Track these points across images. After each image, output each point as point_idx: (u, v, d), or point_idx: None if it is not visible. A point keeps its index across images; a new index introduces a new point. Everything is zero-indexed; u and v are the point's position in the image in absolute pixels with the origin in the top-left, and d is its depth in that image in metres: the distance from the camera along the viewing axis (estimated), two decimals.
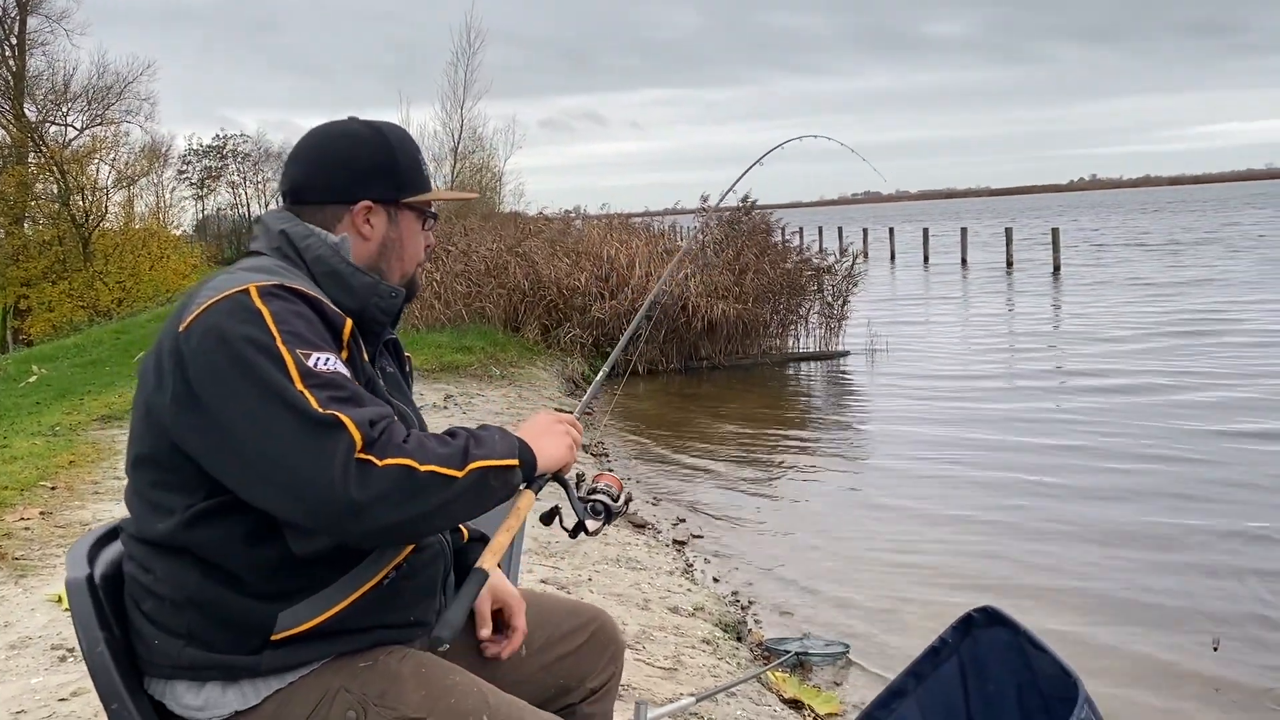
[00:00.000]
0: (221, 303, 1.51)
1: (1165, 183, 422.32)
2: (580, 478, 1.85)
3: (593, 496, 1.85)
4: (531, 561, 5.25)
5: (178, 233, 39.33)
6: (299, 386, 1.44)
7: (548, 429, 1.69)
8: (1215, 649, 4.91)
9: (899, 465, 8.90)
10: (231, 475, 1.49)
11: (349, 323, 1.59)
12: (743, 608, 5.70)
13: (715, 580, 6.13)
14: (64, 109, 31.61)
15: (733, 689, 3.98)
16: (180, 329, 1.52)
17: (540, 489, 1.70)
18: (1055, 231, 31.58)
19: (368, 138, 1.73)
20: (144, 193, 38.03)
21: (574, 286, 14.65)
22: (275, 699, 1.57)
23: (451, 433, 1.55)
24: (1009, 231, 34.41)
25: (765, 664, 4.93)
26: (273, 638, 1.55)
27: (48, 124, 31.31)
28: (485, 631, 1.84)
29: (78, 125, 32.07)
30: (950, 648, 2.38)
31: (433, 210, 1.81)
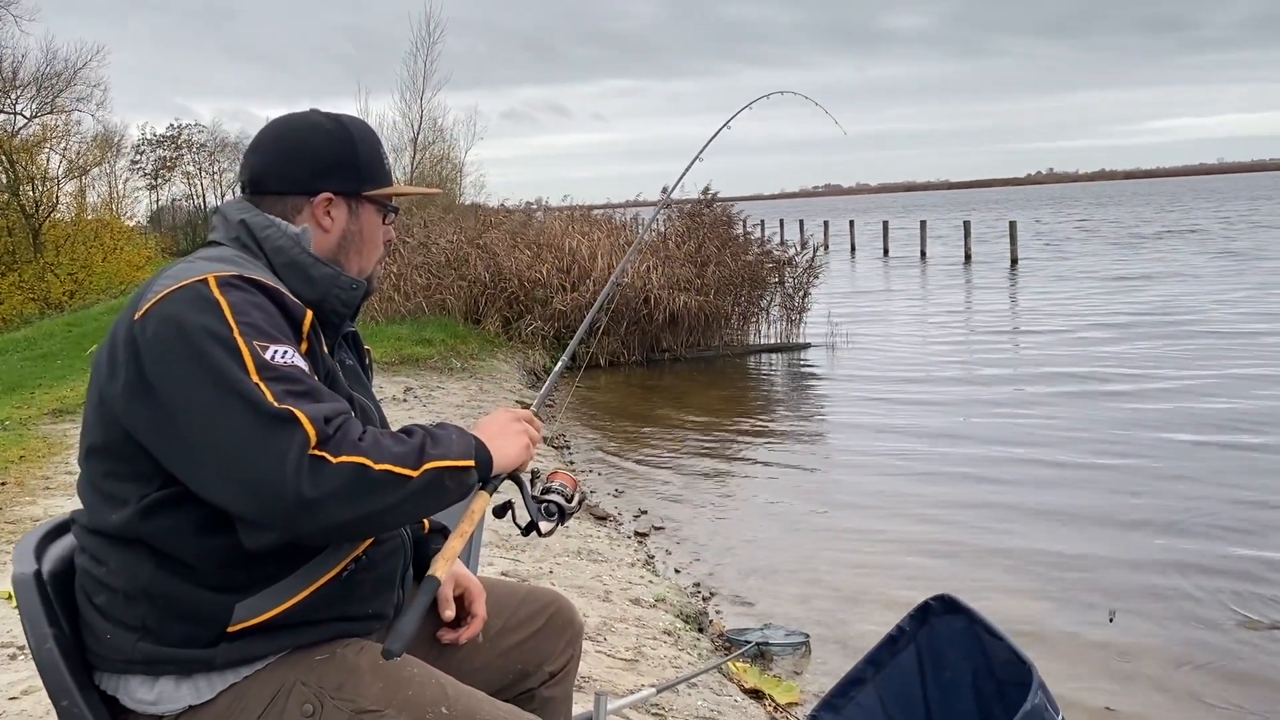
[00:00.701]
0: (179, 292, 1.49)
1: (1120, 177, 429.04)
2: (535, 475, 1.82)
3: (546, 496, 1.81)
4: (492, 554, 5.23)
5: (131, 224, 38.66)
6: (255, 379, 1.42)
7: (505, 428, 1.68)
8: (1110, 620, 5.08)
9: (859, 456, 8.99)
10: (182, 467, 1.48)
11: (309, 314, 1.58)
12: (704, 599, 5.73)
13: (677, 571, 6.15)
14: (12, 97, 30.88)
15: (694, 680, 4.00)
16: (136, 317, 1.50)
17: (495, 489, 1.68)
18: (1013, 225, 32.00)
19: (329, 129, 1.72)
20: (96, 183, 37.32)
21: (535, 278, 14.60)
22: (230, 693, 1.55)
23: (408, 430, 1.53)
24: (967, 224, 34.78)
25: (726, 654, 4.96)
26: (229, 630, 1.53)
27: None
28: (449, 613, 1.84)
29: (27, 114, 31.35)
30: (908, 636, 2.41)
31: (393, 204, 1.80)
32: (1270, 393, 10.23)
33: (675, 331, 14.88)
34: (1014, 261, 29.73)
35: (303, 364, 1.49)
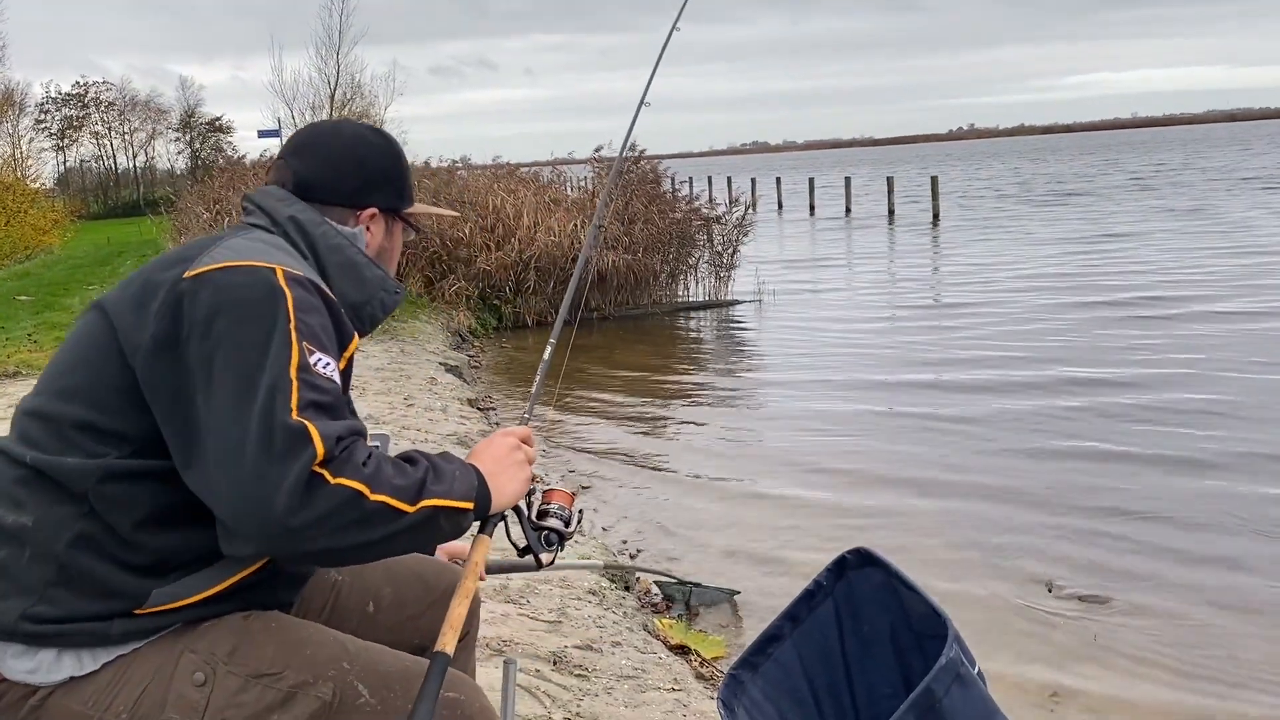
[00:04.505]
0: (244, 270, 1.46)
1: (1039, 131, 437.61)
2: (530, 492, 1.72)
3: (544, 523, 1.72)
4: None
5: (36, 186, 37.05)
6: (292, 375, 1.38)
7: (505, 460, 1.62)
8: (1049, 591, 5.09)
9: (786, 413, 9.04)
10: (180, 440, 1.42)
11: (355, 339, 1.58)
12: (630, 556, 5.70)
13: (604, 530, 6.11)
14: None
15: (616, 640, 3.96)
16: (186, 275, 1.46)
17: (493, 530, 1.64)
18: (934, 180, 32.41)
19: (379, 145, 1.76)
20: None
21: (458, 238, 14.34)
22: (114, 666, 1.48)
23: (411, 459, 1.49)
24: (890, 181, 35.16)
25: (654, 612, 4.94)
26: (136, 611, 1.47)
27: None
28: None
29: None
30: (825, 590, 2.38)
31: (420, 226, 1.85)
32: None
33: (604, 290, 14.78)
34: (936, 216, 30.17)
35: (338, 379, 1.46)
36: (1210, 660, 4.32)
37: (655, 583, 5.07)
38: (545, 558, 1.72)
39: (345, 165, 1.72)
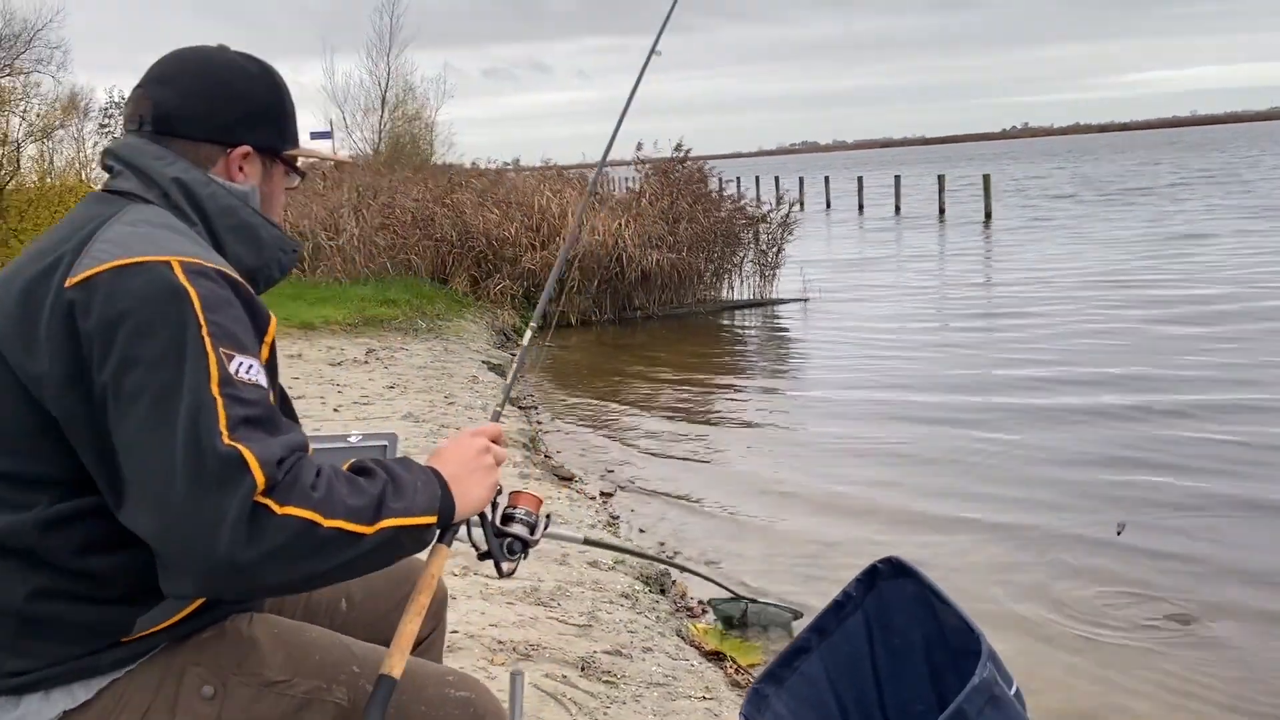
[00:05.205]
0: (134, 269, 1.28)
1: (1095, 130, 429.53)
2: (497, 492, 1.60)
3: (508, 530, 1.59)
4: None
5: (99, 188, 37.88)
6: (215, 392, 1.23)
7: (471, 464, 1.50)
8: (1119, 532, 4.94)
9: (831, 414, 8.85)
10: (105, 478, 1.28)
11: (274, 321, 1.40)
12: (669, 558, 5.61)
13: (641, 531, 6.03)
14: None
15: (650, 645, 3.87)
16: (69, 282, 1.28)
17: (453, 539, 1.52)
18: (987, 178, 31.86)
19: (256, 74, 1.54)
20: (62, 146, 36.54)
21: (504, 237, 14.36)
22: (109, 691, 1.39)
23: (367, 471, 1.36)
24: (941, 179, 34.64)
25: (689, 616, 4.84)
26: (124, 640, 1.38)
27: None
28: None
29: None
30: (855, 601, 2.27)
31: (301, 169, 1.65)
32: None
33: (647, 289, 14.72)
34: (988, 216, 29.65)
35: (264, 381, 1.31)
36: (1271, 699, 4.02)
37: (710, 601, 4.80)
38: (506, 567, 1.58)
39: (216, 96, 1.50)
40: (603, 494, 6.72)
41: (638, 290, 14.67)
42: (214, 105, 1.49)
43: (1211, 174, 45.46)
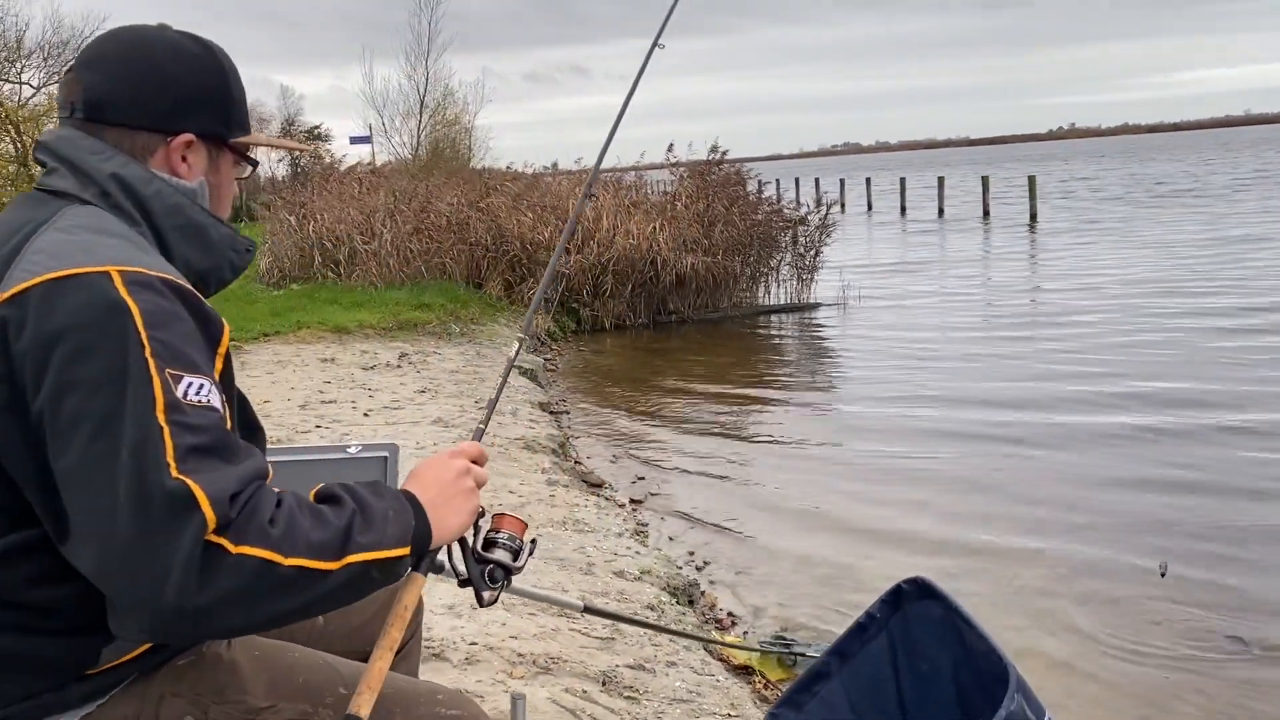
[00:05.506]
0: (69, 282, 1.17)
1: (1145, 130, 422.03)
2: (480, 515, 1.48)
3: (489, 555, 1.48)
4: None
5: None
6: (160, 420, 1.13)
7: (450, 488, 1.39)
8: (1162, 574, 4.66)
9: (868, 421, 8.67)
10: (46, 512, 1.19)
11: (227, 329, 1.29)
12: (698, 568, 5.49)
13: (670, 539, 5.92)
14: (18, 66, 30.69)
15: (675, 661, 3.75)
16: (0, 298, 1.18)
17: (429, 567, 1.42)
18: (1032, 179, 31.35)
19: (197, 54, 1.41)
20: None
21: (538, 241, 14.33)
22: None
23: (335, 498, 1.26)
24: (985, 180, 34.13)
25: (718, 628, 4.72)
26: (89, 673, 1.29)
27: (1, 82, 30.41)
28: None
29: (34, 83, 31.16)
30: (879, 623, 2.15)
31: (254, 158, 1.51)
32: None
33: (682, 293, 14.61)
34: (1033, 217, 29.16)
35: (218, 401, 1.20)
36: None
37: (760, 642, 4.42)
38: (487, 596, 1.47)
39: (149, 79, 1.36)
40: (632, 501, 6.62)
41: (672, 294, 14.57)
42: (148, 89, 1.36)
43: (1268, 174, 44.30)
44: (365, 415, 7.50)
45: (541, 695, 3.35)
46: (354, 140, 24.32)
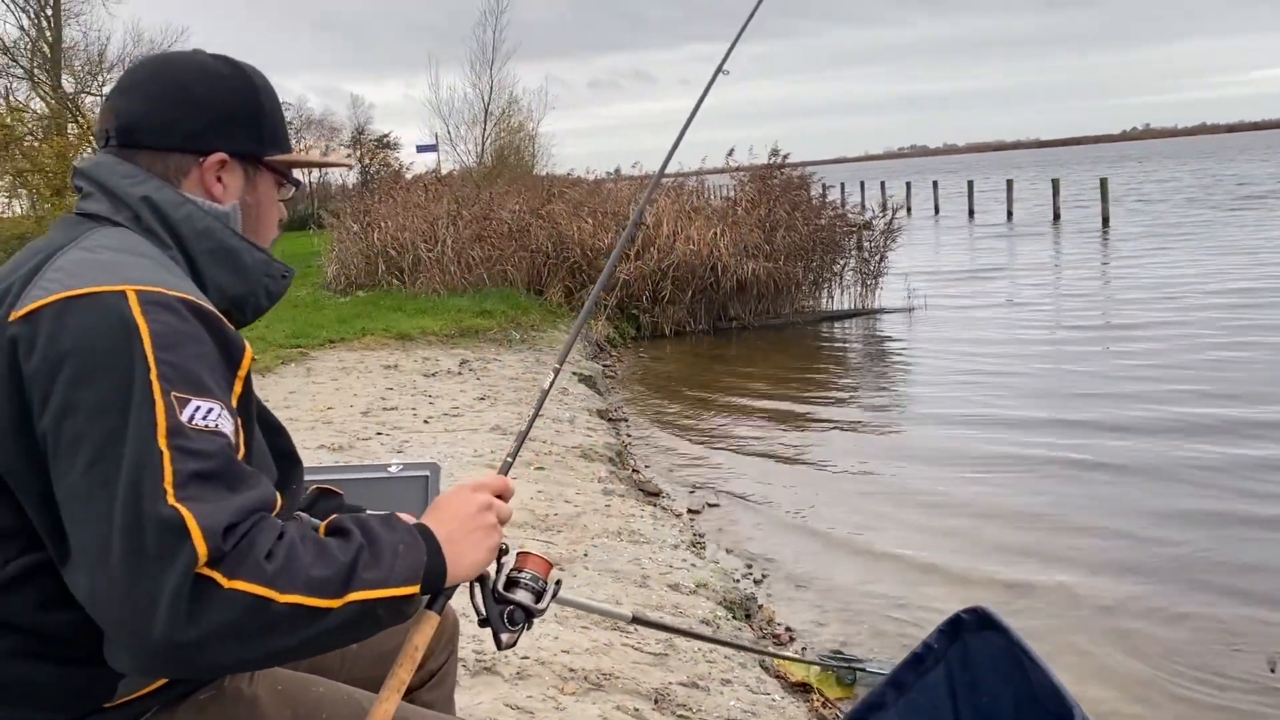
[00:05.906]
0: (84, 301, 1.16)
1: (1223, 130, 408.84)
2: (502, 552, 1.42)
3: (510, 596, 1.41)
4: (524, 535, 4.98)
5: None
6: (160, 444, 1.10)
7: (472, 524, 1.34)
8: (1272, 670, 4.26)
9: (933, 433, 8.44)
10: (48, 535, 1.17)
11: (249, 352, 1.26)
12: (755, 581, 5.40)
13: (728, 551, 5.83)
14: (100, 79, 31.71)
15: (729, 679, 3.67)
16: (14, 315, 1.17)
17: (445, 605, 1.37)
18: (1103, 182, 30.56)
19: (225, 75, 1.41)
20: None
21: (598, 247, 14.33)
22: None
23: (344, 531, 1.21)
24: (1055, 183, 33.33)
25: (775, 643, 4.63)
26: (106, 706, 1.27)
27: (84, 95, 31.43)
28: None
29: None
30: (937, 654, 2.07)
31: (295, 177, 1.48)
32: None
33: (743, 299, 14.49)
34: (1105, 221, 28.40)
35: (228, 428, 1.17)
36: None
37: (821, 656, 4.32)
38: (506, 639, 1.40)
39: (177, 99, 1.36)
40: (690, 511, 6.55)
41: (733, 300, 14.46)
42: (177, 110, 1.36)
43: None
44: (425, 422, 7.54)
45: (593, 713, 3.30)
46: (420, 149, 24.64)
